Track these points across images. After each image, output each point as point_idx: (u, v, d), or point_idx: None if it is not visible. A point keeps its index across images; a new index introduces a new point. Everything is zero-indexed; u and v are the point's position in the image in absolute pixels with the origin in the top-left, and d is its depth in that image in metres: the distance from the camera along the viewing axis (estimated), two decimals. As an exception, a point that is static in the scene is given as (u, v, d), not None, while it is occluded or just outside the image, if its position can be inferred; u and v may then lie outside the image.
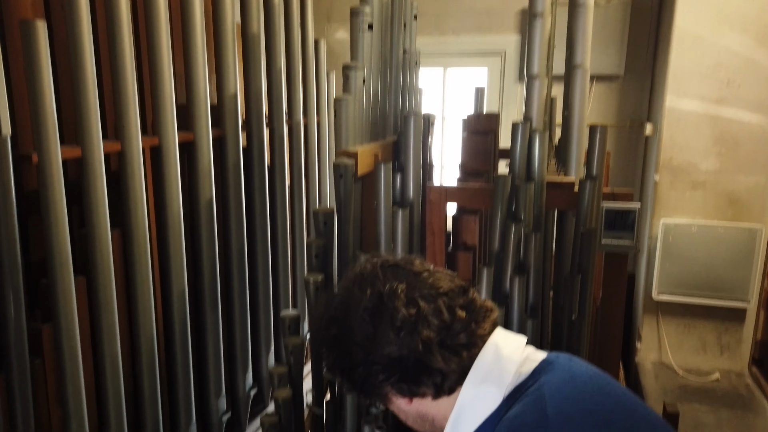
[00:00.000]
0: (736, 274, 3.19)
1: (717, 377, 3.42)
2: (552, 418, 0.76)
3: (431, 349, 0.86)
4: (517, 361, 0.88)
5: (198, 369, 2.08)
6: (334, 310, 0.93)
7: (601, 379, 0.87)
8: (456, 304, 0.89)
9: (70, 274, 1.49)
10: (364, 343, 0.88)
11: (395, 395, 0.92)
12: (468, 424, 0.88)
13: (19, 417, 1.40)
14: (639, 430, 0.78)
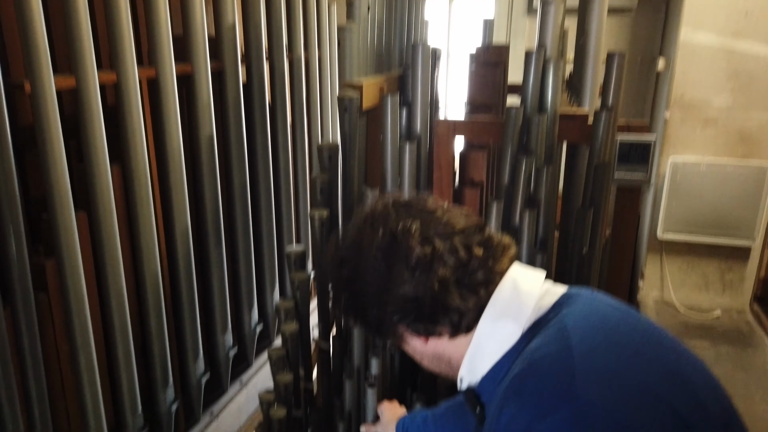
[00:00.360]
0: (742, 212, 3.17)
1: (718, 314, 3.46)
2: (576, 348, 0.73)
3: (448, 287, 0.82)
4: (536, 295, 0.84)
5: (203, 305, 2.09)
6: (345, 251, 0.90)
7: (625, 311, 0.84)
8: (473, 241, 0.85)
9: (70, 209, 1.46)
10: (378, 283, 0.85)
11: (411, 335, 0.89)
12: (485, 360, 0.85)
13: (27, 351, 1.41)
14: (668, 359, 0.75)
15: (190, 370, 2.01)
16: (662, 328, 0.83)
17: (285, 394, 1.55)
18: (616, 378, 0.69)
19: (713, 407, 0.73)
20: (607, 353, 0.73)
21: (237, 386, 2.30)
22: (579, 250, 1.54)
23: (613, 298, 0.89)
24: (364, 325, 0.92)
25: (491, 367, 0.85)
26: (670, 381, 0.71)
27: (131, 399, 1.74)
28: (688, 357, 0.78)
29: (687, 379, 0.73)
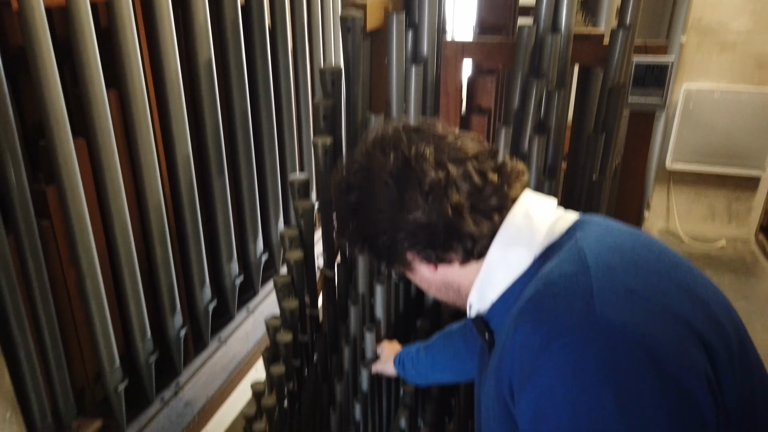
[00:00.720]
0: (754, 141, 3.11)
1: (723, 244, 3.46)
2: (593, 267, 0.71)
3: (462, 213, 0.80)
4: (549, 221, 0.83)
5: (208, 234, 2.09)
6: (354, 176, 0.87)
7: (640, 235, 0.83)
8: (486, 167, 0.83)
9: (68, 135, 1.43)
10: (389, 209, 0.82)
11: (420, 263, 0.88)
12: (495, 286, 0.84)
13: (33, 277, 1.41)
14: (684, 279, 0.73)
15: (197, 298, 2.03)
16: (676, 252, 0.82)
17: (291, 320, 1.57)
18: (634, 296, 0.68)
19: (728, 327, 0.72)
20: (625, 273, 0.71)
21: (244, 313, 2.34)
22: (588, 178, 1.51)
23: (624, 224, 0.87)
24: (371, 253, 0.89)
25: (501, 293, 0.84)
26: (688, 300, 0.70)
27: (140, 324, 1.77)
28: (703, 279, 0.77)
29: (703, 300, 0.72)
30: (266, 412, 1.59)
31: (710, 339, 0.67)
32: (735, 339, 0.72)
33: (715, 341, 0.68)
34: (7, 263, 1.33)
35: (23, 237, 1.38)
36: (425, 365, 1.36)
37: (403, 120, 0.93)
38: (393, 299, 1.60)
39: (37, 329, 1.47)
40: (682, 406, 0.63)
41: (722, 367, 0.67)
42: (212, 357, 2.14)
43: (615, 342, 0.64)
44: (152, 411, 1.88)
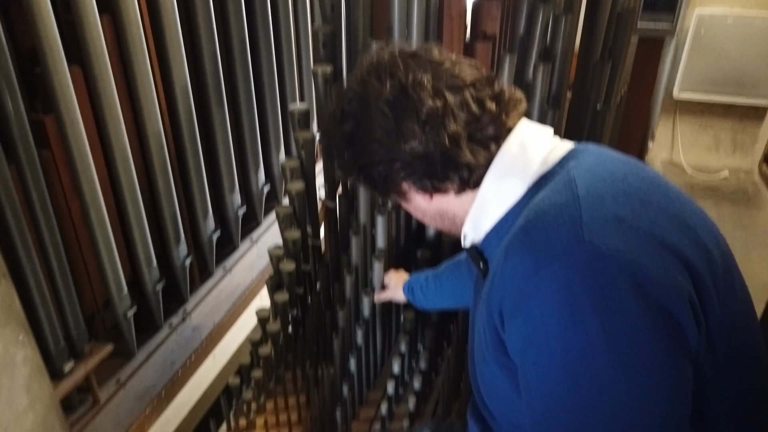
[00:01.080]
0: (764, 70, 3.03)
1: (725, 175, 3.45)
2: (583, 198, 0.71)
3: (459, 143, 0.80)
4: (543, 151, 0.82)
5: (210, 166, 2.08)
6: (349, 104, 0.85)
7: (632, 163, 0.83)
8: (484, 95, 0.82)
9: (62, 62, 1.40)
10: (385, 139, 0.81)
11: (416, 192, 0.88)
12: (489, 216, 0.85)
13: (38, 207, 1.43)
14: (673, 207, 0.74)
15: (201, 228, 2.05)
16: (667, 180, 0.83)
17: (293, 250, 1.60)
18: (621, 224, 0.69)
19: (714, 252, 0.74)
20: (614, 201, 0.71)
21: (248, 243, 2.37)
22: (593, 107, 1.49)
23: (618, 152, 0.87)
24: (366, 183, 0.89)
25: (495, 223, 0.85)
26: (675, 227, 0.71)
27: (145, 253, 1.80)
28: (691, 206, 0.78)
29: (690, 226, 0.73)
30: (271, 337, 1.65)
31: (695, 263, 0.69)
32: (720, 263, 0.74)
33: (699, 265, 0.70)
34: (10, 193, 1.34)
35: (25, 167, 1.38)
36: (434, 292, 1.39)
37: (399, 44, 0.90)
38: (394, 230, 1.62)
39: (45, 258, 1.50)
40: (666, 327, 0.65)
41: (705, 289, 0.69)
42: (218, 285, 2.19)
43: (601, 268, 0.65)
44: (161, 336, 1.95)
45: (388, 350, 1.83)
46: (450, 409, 1.59)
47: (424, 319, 1.71)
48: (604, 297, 0.65)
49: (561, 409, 0.68)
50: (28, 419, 0.95)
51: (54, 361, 1.53)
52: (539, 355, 0.70)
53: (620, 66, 1.42)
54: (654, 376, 0.65)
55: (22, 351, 0.89)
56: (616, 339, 0.64)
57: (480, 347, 0.88)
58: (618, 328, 0.64)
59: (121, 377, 1.80)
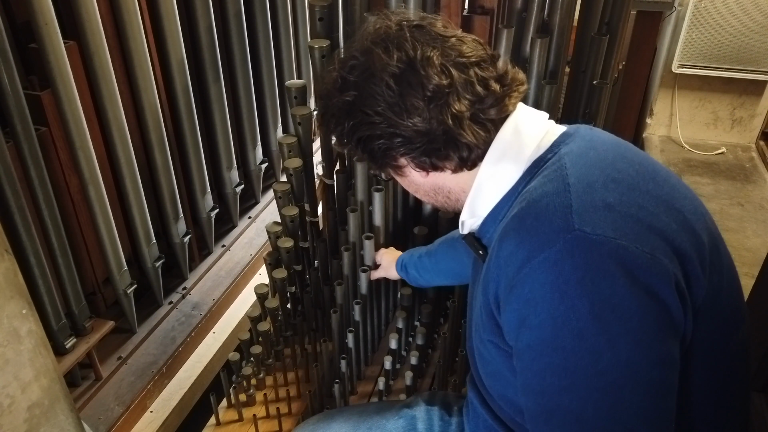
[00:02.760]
0: (765, 43, 3.01)
1: (723, 151, 3.45)
2: (573, 186, 0.73)
3: (462, 122, 0.80)
4: (537, 136, 0.83)
5: (208, 143, 2.08)
6: (351, 72, 0.83)
7: (622, 147, 0.83)
8: (489, 75, 0.81)
9: (58, 37, 1.39)
10: (387, 112, 0.80)
11: (413, 168, 0.87)
12: (486, 201, 0.86)
13: (36, 182, 1.43)
14: (661, 192, 0.76)
15: (200, 205, 2.06)
16: (657, 162, 0.84)
17: (291, 227, 1.61)
18: (611, 211, 0.70)
19: (701, 233, 0.76)
20: (604, 188, 0.73)
21: (246, 221, 2.38)
22: (589, 82, 1.49)
23: (609, 134, 0.88)
24: (364, 154, 0.89)
25: (492, 209, 0.86)
26: (663, 211, 0.73)
27: (144, 229, 1.81)
28: (680, 188, 0.79)
29: (678, 209, 0.75)
30: (270, 313, 1.66)
31: (682, 246, 0.71)
32: (707, 243, 0.76)
33: (687, 248, 0.72)
34: (9, 170, 1.34)
35: (22, 143, 1.38)
36: (428, 269, 1.40)
37: (403, 13, 0.88)
38: (391, 207, 1.62)
39: (45, 235, 1.51)
40: (653, 308, 0.67)
41: (693, 270, 0.72)
42: (217, 262, 2.20)
43: (591, 254, 0.67)
44: (161, 313, 1.97)
45: (386, 326, 1.85)
46: (446, 383, 1.62)
47: (421, 295, 1.72)
48: (593, 280, 0.67)
49: (554, 389, 0.70)
50: (34, 391, 0.97)
51: (56, 338, 1.55)
52: (532, 337, 0.72)
53: (618, 40, 1.41)
54: (643, 352, 0.67)
55: (26, 324, 0.91)
56: (605, 317, 0.66)
57: (477, 329, 0.89)
58: (607, 309, 0.66)
59: (122, 353, 1.82)
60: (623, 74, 1.51)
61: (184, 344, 1.90)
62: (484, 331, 0.86)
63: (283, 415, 1.58)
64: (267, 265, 1.67)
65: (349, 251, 1.55)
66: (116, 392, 1.73)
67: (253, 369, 1.66)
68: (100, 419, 1.65)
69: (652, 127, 3.57)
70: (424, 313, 1.67)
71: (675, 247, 0.70)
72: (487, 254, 0.87)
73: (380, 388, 1.61)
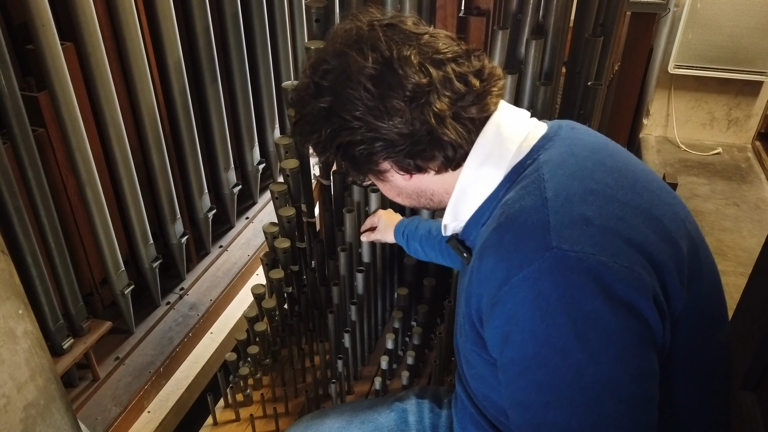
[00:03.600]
0: (761, 44, 3.03)
1: (719, 151, 3.47)
2: (551, 200, 0.72)
3: (444, 121, 0.78)
4: (517, 140, 0.82)
5: (205, 143, 2.09)
6: (324, 77, 0.79)
7: (602, 152, 0.81)
8: (467, 71, 0.80)
9: (55, 38, 1.40)
10: (367, 116, 0.77)
11: (396, 171, 0.85)
12: (468, 205, 0.85)
13: (33, 183, 1.43)
14: (640, 201, 0.75)
15: (197, 206, 2.06)
16: (638, 164, 0.83)
17: (288, 228, 1.61)
18: (589, 226, 0.70)
19: (680, 241, 0.75)
20: (582, 201, 0.72)
21: (244, 222, 2.39)
22: (584, 83, 1.49)
23: (591, 134, 0.86)
24: (344, 161, 0.85)
25: (474, 213, 0.85)
26: (641, 222, 0.73)
27: (142, 231, 1.81)
28: (660, 194, 0.78)
29: (657, 217, 0.74)
30: (267, 314, 1.67)
31: (660, 258, 0.71)
32: (687, 250, 0.76)
33: (665, 259, 0.72)
34: (6, 171, 1.34)
35: (20, 145, 1.38)
36: (434, 248, 1.35)
37: (371, 13, 0.85)
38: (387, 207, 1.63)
39: (42, 235, 1.51)
40: (631, 321, 0.68)
41: (671, 281, 0.72)
42: (214, 263, 2.21)
43: (570, 272, 0.67)
44: (159, 313, 1.97)
45: (383, 326, 1.86)
46: (443, 383, 1.62)
47: (418, 295, 1.73)
48: (572, 297, 0.67)
49: (539, 404, 0.71)
50: (30, 391, 0.97)
51: (53, 338, 1.55)
52: (516, 354, 0.72)
53: (612, 41, 1.42)
54: (623, 367, 0.68)
55: (21, 324, 0.91)
56: (586, 334, 0.67)
57: (463, 336, 0.89)
58: (587, 325, 0.67)
59: (119, 354, 1.83)
60: (618, 75, 1.52)
61: (181, 344, 1.90)
62: (467, 341, 0.86)
63: (280, 414, 1.59)
64: (264, 266, 1.67)
65: (346, 252, 1.56)
66: (113, 393, 1.73)
67: (250, 369, 1.66)
68: (98, 420, 1.66)
69: (648, 127, 3.58)
70: (421, 314, 1.67)
71: (653, 260, 0.70)
72: (471, 257, 0.87)
73: (377, 388, 1.61)
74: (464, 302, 0.84)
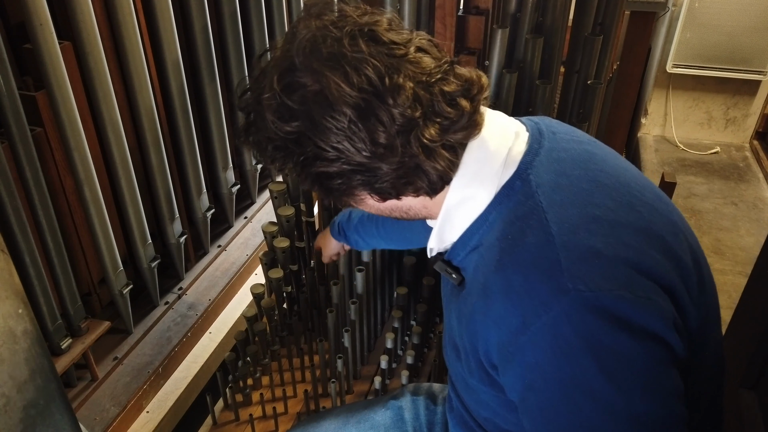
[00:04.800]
0: (758, 43, 3.04)
1: (717, 150, 3.48)
2: (557, 235, 0.69)
3: (433, 153, 0.71)
4: (502, 155, 0.76)
5: (203, 143, 2.08)
6: (294, 96, 0.69)
7: (592, 165, 0.77)
8: (455, 90, 0.72)
9: (52, 37, 1.39)
10: (348, 149, 0.69)
11: (373, 198, 0.78)
12: (455, 228, 0.81)
13: (31, 183, 1.43)
14: (639, 218, 0.72)
15: (195, 205, 2.06)
16: (627, 171, 0.80)
17: (287, 227, 1.61)
18: (599, 258, 0.68)
19: (685, 257, 0.74)
20: (587, 232, 0.70)
21: (242, 221, 2.38)
22: (583, 82, 1.49)
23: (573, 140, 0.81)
24: (316, 188, 0.78)
25: (461, 235, 0.81)
26: (645, 243, 0.71)
27: (140, 230, 1.81)
28: (656, 206, 0.77)
29: (660, 236, 0.73)
30: (266, 313, 1.66)
31: (671, 282, 0.70)
32: (692, 266, 0.75)
33: (675, 281, 0.71)
34: (4, 171, 1.34)
35: (17, 143, 1.38)
36: (373, 235, 1.31)
37: (341, 11, 0.73)
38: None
39: (40, 235, 1.50)
40: (656, 349, 0.67)
41: (684, 301, 0.71)
42: (213, 263, 2.20)
43: (588, 313, 0.66)
44: (157, 313, 1.97)
45: (382, 325, 1.86)
46: (442, 382, 1.62)
47: (417, 295, 1.73)
48: (594, 337, 0.65)
49: None
50: (30, 391, 0.97)
51: (51, 338, 1.54)
52: (542, 401, 0.70)
53: (611, 40, 1.42)
54: (654, 396, 0.66)
55: (21, 324, 0.91)
56: (612, 370, 0.66)
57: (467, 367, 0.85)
58: (613, 363, 0.65)
59: (118, 354, 1.82)
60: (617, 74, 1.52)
61: (180, 344, 1.90)
62: (471, 376, 0.83)
63: (279, 414, 1.58)
64: (263, 265, 1.67)
65: (345, 252, 1.56)
66: (112, 393, 1.73)
67: (249, 369, 1.66)
68: (96, 420, 1.65)
69: (646, 126, 3.59)
70: (420, 313, 1.67)
71: (664, 284, 0.69)
72: (462, 277, 0.83)
73: (376, 387, 1.61)
74: (467, 336, 0.80)
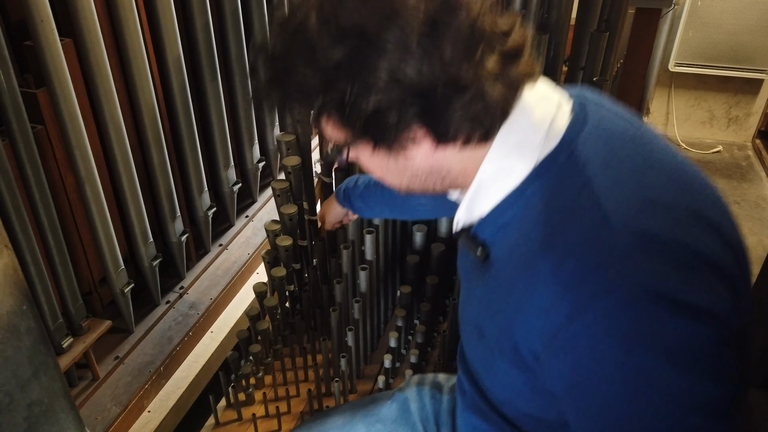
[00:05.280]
0: (761, 42, 3.03)
1: (719, 149, 3.47)
2: (613, 218, 0.64)
3: (496, 81, 0.66)
4: (545, 126, 0.71)
5: (204, 141, 2.07)
6: (352, 17, 0.62)
7: (642, 144, 0.72)
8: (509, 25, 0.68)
9: (54, 34, 1.38)
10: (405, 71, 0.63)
11: (423, 142, 0.70)
12: (487, 200, 0.76)
13: (32, 181, 1.42)
14: (696, 203, 0.67)
15: (197, 204, 2.05)
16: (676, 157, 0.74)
17: (290, 226, 1.60)
18: (656, 243, 0.63)
19: (737, 246, 0.69)
20: (644, 215, 0.64)
21: (244, 220, 2.37)
22: (588, 79, 1.49)
23: (620, 115, 0.77)
24: (365, 133, 0.69)
25: (492, 209, 0.76)
26: (706, 233, 0.66)
27: (141, 229, 1.80)
28: (709, 194, 0.72)
29: (715, 224, 0.67)
30: (269, 312, 1.65)
31: (731, 270, 0.66)
32: (744, 257, 0.70)
33: (734, 270, 0.66)
34: (5, 169, 1.33)
35: (18, 141, 1.37)
36: (378, 201, 1.27)
37: None
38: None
39: (41, 234, 1.49)
40: (723, 332, 0.63)
41: (742, 291, 0.67)
42: (214, 262, 2.19)
43: (649, 299, 0.61)
44: (159, 312, 1.96)
45: (385, 324, 1.85)
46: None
47: (421, 293, 1.72)
48: (658, 323, 0.61)
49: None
50: (33, 389, 0.96)
51: (52, 337, 1.53)
52: (598, 394, 0.66)
53: (616, 37, 1.41)
54: (720, 380, 0.63)
55: (25, 321, 0.90)
56: (681, 360, 0.62)
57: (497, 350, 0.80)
58: (680, 351, 0.62)
59: (119, 353, 1.81)
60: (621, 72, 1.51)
61: (181, 344, 1.89)
62: (502, 359, 0.78)
63: (282, 414, 1.58)
64: (266, 264, 1.66)
65: (348, 249, 1.55)
66: (113, 392, 1.72)
67: (251, 368, 1.65)
68: (97, 419, 1.64)
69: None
70: (424, 312, 1.66)
71: (725, 272, 0.64)
72: (486, 254, 0.79)
73: (380, 387, 1.60)
74: (501, 320, 0.75)
